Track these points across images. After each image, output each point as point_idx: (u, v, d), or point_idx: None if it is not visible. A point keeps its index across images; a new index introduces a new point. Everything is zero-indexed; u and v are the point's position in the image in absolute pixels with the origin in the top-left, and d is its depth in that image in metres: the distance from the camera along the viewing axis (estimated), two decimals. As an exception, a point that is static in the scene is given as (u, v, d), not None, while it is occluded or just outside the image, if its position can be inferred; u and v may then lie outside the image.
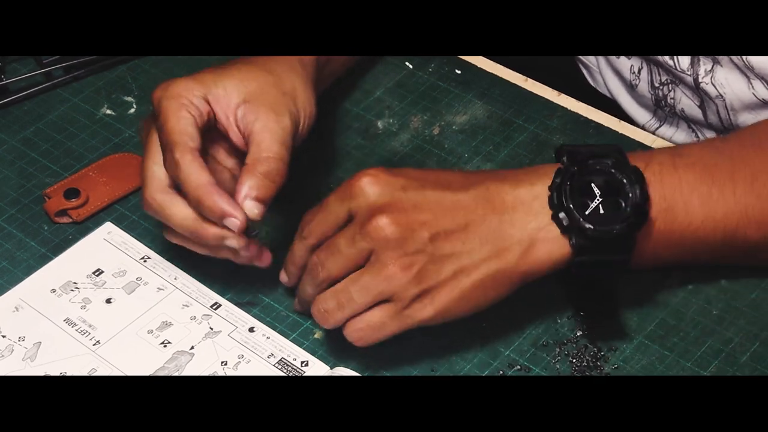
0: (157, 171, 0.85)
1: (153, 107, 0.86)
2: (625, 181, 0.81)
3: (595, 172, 0.82)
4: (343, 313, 0.81)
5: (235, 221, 0.82)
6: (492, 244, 0.81)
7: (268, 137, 0.85)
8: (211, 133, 0.88)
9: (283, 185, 0.85)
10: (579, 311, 0.87)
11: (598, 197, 0.81)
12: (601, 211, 0.81)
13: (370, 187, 0.81)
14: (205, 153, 0.86)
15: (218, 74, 0.88)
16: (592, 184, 0.81)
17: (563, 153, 0.83)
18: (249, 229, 0.84)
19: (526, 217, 0.81)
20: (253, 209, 0.83)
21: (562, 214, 0.81)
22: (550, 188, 0.82)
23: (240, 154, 0.88)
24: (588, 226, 0.80)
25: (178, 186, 0.85)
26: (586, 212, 0.81)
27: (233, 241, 0.84)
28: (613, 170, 0.82)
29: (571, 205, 0.80)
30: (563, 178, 0.81)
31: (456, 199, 0.82)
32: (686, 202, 0.83)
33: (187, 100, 0.85)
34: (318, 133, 1.01)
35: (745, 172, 0.84)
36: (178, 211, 0.84)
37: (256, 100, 0.87)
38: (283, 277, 0.88)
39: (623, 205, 0.81)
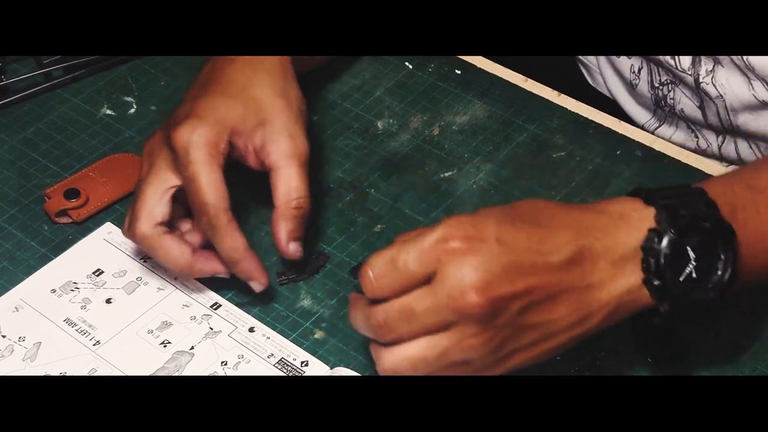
0: (152, 205, 0.86)
1: (175, 149, 0.85)
2: (720, 242, 0.77)
3: (691, 233, 0.76)
4: (415, 373, 0.76)
5: (259, 285, 0.86)
6: (579, 312, 0.76)
7: (294, 175, 0.86)
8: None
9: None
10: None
11: (692, 261, 0.76)
12: (694, 275, 0.76)
13: (461, 257, 0.73)
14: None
15: (233, 102, 0.87)
16: (687, 247, 0.76)
17: (659, 209, 0.77)
18: None
19: (617, 281, 0.76)
20: (297, 251, 0.87)
21: (656, 281, 0.76)
22: (644, 250, 0.76)
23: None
24: (683, 294, 0.76)
25: (171, 225, 0.87)
26: (681, 279, 0.76)
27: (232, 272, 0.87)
28: (710, 232, 0.77)
29: (668, 276, 0.76)
30: (661, 242, 0.76)
31: (548, 264, 0.74)
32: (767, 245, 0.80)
33: (216, 150, 0.85)
34: (318, 133, 1.01)
35: None
36: (173, 252, 0.86)
37: (271, 125, 0.87)
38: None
39: (715, 266, 0.76)
